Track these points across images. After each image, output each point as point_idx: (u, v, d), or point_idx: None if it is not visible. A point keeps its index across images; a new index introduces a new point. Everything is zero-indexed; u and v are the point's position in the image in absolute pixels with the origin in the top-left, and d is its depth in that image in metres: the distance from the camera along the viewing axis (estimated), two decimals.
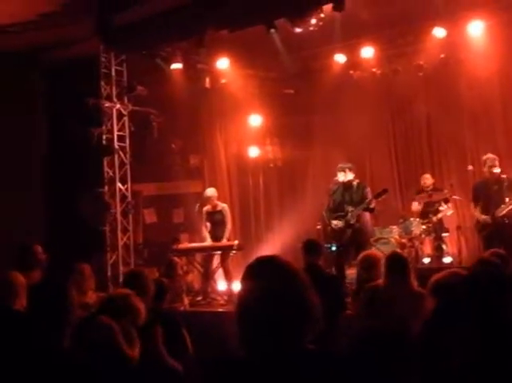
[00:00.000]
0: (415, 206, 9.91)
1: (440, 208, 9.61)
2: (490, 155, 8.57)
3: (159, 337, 4.41)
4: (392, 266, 5.28)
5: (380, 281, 5.39)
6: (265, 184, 12.11)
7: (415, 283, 5.23)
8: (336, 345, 3.87)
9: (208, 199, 9.60)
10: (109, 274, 9.39)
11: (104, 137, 9.76)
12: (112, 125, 9.87)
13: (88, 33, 9.46)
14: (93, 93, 9.68)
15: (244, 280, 2.12)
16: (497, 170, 8.35)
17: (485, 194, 8.44)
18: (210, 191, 9.69)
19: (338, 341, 4.53)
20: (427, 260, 9.64)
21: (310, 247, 6.56)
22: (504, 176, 8.41)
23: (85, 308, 4.87)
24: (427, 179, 9.94)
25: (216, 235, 9.44)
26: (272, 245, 10.59)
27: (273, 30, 8.95)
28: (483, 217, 8.37)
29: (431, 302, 3.46)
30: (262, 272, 2.10)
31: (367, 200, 8.17)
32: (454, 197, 9.72)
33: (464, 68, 10.14)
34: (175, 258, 8.40)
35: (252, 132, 12.03)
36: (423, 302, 4.85)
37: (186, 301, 8.48)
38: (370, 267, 5.81)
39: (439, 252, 9.57)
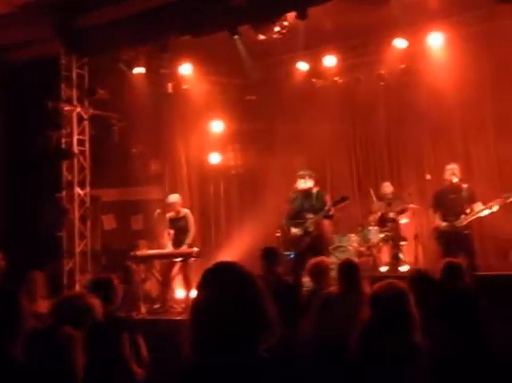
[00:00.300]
0: (373, 217, 10.06)
1: (398, 217, 9.76)
2: (450, 165, 8.67)
3: (126, 344, 4.38)
4: (345, 273, 5.31)
5: (333, 288, 5.42)
6: (226, 191, 12.09)
7: (367, 291, 5.27)
8: (293, 353, 3.88)
9: (171, 206, 9.51)
10: (65, 281, 9.21)
11: (63, 141, 9.61)
12: (71, 129, 9.72)
13: (49, 35, 9.32)
14: (53, 96, 9.52)
15: (200, 286, 2.10)
16: (455, 179, 8.45)
17: (444, 202, 8.50)
18: (174, 198, 9.59)
19: (296, 349, 4.54)
20: (384, 268, 9.72)
21: (269, 255, 6.56)
22: (465, 186, 8.50)
23: (37, 317, 4.75)
24: (387, 187, 10.07)
25: (179, 242, 9.34)
26: (232, 252, 10.55)
27: (236, 37, 8.97)
28: (443, 224, 8.39)
29: (368, 311, 3.55)
30: (218, 279, 2.08)
31: (326, 207, 8.19)
32: (412, 206, 9.84)
33: (424, 78, 10.30)
34: (132, 264, 8.29)
35: (214, 139, 12.00)
36: None
37: (143, 309, 8.39)
38: (319, 275, 5.86)
39: (396, 260, 9.65)
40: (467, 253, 8.03)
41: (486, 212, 8.24)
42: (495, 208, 8.19)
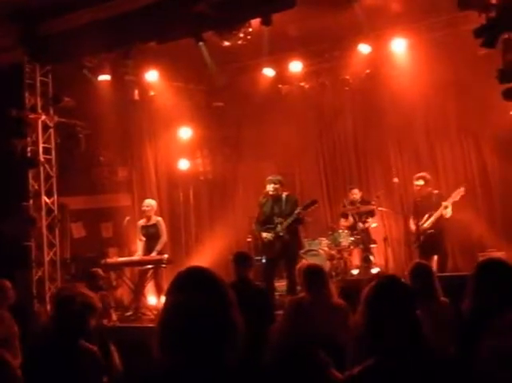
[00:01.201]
0: (343, 222, 10.19)
1: (367, 220, 9.89)
2: (418, 174, 9.25)
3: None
4: (311, 278, 5.34)
5: (303, 294, 5.45)
6: (196, 197, 12.06)
7: (335, 294, 5.33)
8: (262, 359, 3.88)
9: (145, 212, 9.50)
10: (34, 290, 9.08)
11: (28, 149, 9.48)
12: (37, 137, 9.58)
13: (12, 42, 9.20)
14: (17, 104, 9.39)
15: (170, 291, 2.11)
16: (419, 182, 8.98)
17: (416, 209, 9.05)
18: (145, 203, 9.58)
19: (265, 355, 4.54)
20: (355, 271, 9.83)
21: (240, 260, 6.57)
22: (435, 192, 8.95)
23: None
24: (356, 195, 10.15)
25: (150, 249, 9.31)
26: (203, 258, 10.53)
27: (201, 43, 8.97)
28: (412, 228, 9.05)
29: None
30: (189, 284, 2.09)
31: (296, 212, 8.23)
32: (381, 209, 9.97)
33: (388, 83, 10.47)
34: (98, 270, 8.21)
35: (182, 145, 11.97)
36: (344, 313, 4.94)
37: (114, 316, 8.31)
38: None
39: (367, 263, 9.77)
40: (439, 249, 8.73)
41: (443, 212, 8.76)
42: (449, 209, 8.76)
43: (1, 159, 9.34)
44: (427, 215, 8.90)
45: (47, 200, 9.61)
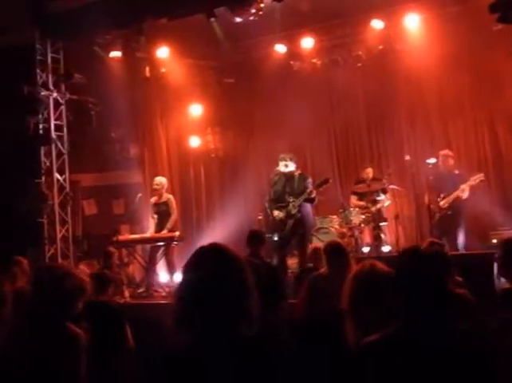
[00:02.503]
0: (354, 199, 10.14)
1: (378, 198, 9.83)
2: (443, 151, 9.09)
3: None
4: (333, 254, 5.36)
5: (323, 269, 5.47)
6: (207, 174, 12.07)
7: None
8: (276, 335, 3.91)
9: (155, 190, 9.51)
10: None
11: (40, 126, 9.51)
12: (48, 114, 9.63)
13: (23, 19, 9.18)
14: (29, 81, 9.40)
15: (187, 267, 2.11)
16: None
17: (436, 186, 9.00)
18: (158, 181, 9.59)
19: (278, 331, 4.57)
20: (366, 249, 9.83)
21: (254, 237, 6.67)
22: (456, 172, 8.92)
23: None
24: (369, 173, 10.10)
25: (162, 227, 9.33)
26: (214, 235, 10.54)
27: (213, 19, 8.91)
28: (432, 206, 8.92)
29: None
30: (208, 260, 2.09)
31: (308, 190, 8.22)
32: (392, 187, 9.94)
33: (401, 59, 10.34)
34: (111, 248, 8.26)
35: (193, 122, 11.94)
36: None
37: (126, 293, 8.39)
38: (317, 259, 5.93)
39: (377, 241, 9.76)
40: (452, 233, 8.54)
41: (460, 194, 8.68)
42: (466, 191, 8.68)
43: (13, 136, 9.38)
44: (442, 195, 8.84)
45: (59, 177, 9.67)
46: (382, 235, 9.85)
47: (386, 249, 9.67)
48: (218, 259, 2.09)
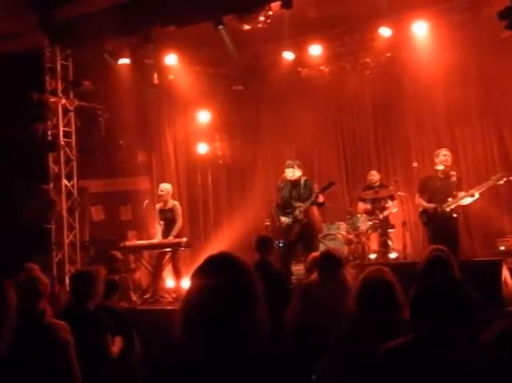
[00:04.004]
0: (362, 206, 10.11)
1: (386, 205, 9.82)
2: (442, 150, 8.61)
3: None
4: (324, 263, 5.33)
5: (313, 276, 5.45)
6: (214, 181, 12.09)
7: (349, 279, 5.30)
8: (279, 344, 3.91)
9: (160, 196, 9.52)
10: (55, 273, 9.22)
11: (49, 133, 9.57)
12: (57, 121, 9.68)
13: (32, 26, 9.25)
14: (38, 88, 9.46)
15: (195, 276, 2.09)
16: (441, 167, 8.43)
17: (430, 188, 8.48)
18: (160, 188, 9.60)
19: (280, 337, 4.57)
20: (373, 256, 9.80)
21: (261, 243, 6.67)
22: (453, 173, 8.48)
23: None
24: (374, 176, 10.11)
25: (168, 233, 9.31)
26: (221, 242, 10.58)
27: (221, 27, 8.95)
28: (431, 205, 8.32)
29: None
30: (217, 269, 2.07)
31: (314, 194, 8.23)
32: (400, 193, 9.91)
33: (409, 66, 10.36)
34: (116, 253, 8.28)
35: (201, 129, 11.98)
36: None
37: (134, 297, 8.41)
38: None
39: (384, 248, 9.74)
40: (452, 238, 7.97)
41: (468, 200, 8.19)
42: (476, 195, 8.14)
43: (22, 142, 9.44)
44: (450, 199, 8.22)
45: (67, 183, 9.71)
46: (389, 242, 9.82)
47: (393, 256, 9.64)
48: (228, 269, 2.07)
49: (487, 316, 2.51)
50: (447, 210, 8.21)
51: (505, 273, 6.60)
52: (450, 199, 8.22)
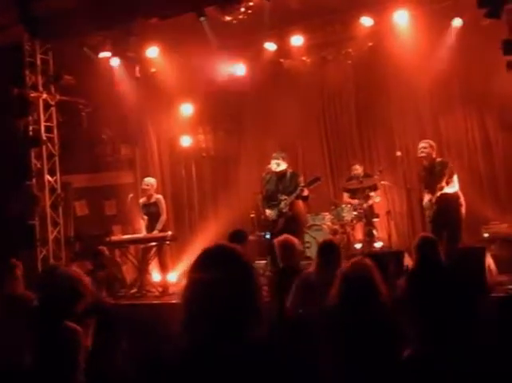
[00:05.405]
0: (347, 197, 10.16)
1: (370, 194, 9.87)
2: (421, 142, 8.64)
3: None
4: (323, 253, 5.38)
5: (312, 268, 5.49)
6: (198, 174, 12.04)
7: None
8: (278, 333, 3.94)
9: (144, 191, 9.48)
10: (40, 269, 9.15)
11: (30, 128, 9.48)
12: (38, 116, 9.61)
13: (12, 20, 9.14)
14: (18, 83, 9.37)
15: (193, 270, 2.08)
16: (422, 154, 8.44)
17: (422, 177, 8.61)
18: (145, 182, 9.56)
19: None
20: (358, 245, 9.84)
21: (235, 237, 6.69)
22: (438, 160, 8.47)
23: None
24: (357, 170, 10.13)
25: (152, 228, 9.28)
26: (206, 234, 10.56)
27: (203, 18, 8.90)
28: (425, 199, 8.38)
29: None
30: (217, 261, 2.06)
31: (299, 188, 8.24)
32: (383, 183, 9.95)
33: (391, 56, 10.33)
34: (102, 248, 8.25)
35: (184, 121, 11.93)
36: None
37: (120, 293, 8.39)
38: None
39: (370, 237, 9.78)
40: (451, 226, 8.08)
41: (450, 189, 8.19)
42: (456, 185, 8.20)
43: (3, 138, 9.35)
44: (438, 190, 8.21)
45: (50, 179, 9.65)
46: (374, 231, 9.87)
47: (378, 245, 9.69)
48: (226, 261, 2.07)
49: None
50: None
51: (488, 260, 6.67)
52: (439, 186, 8.15)
